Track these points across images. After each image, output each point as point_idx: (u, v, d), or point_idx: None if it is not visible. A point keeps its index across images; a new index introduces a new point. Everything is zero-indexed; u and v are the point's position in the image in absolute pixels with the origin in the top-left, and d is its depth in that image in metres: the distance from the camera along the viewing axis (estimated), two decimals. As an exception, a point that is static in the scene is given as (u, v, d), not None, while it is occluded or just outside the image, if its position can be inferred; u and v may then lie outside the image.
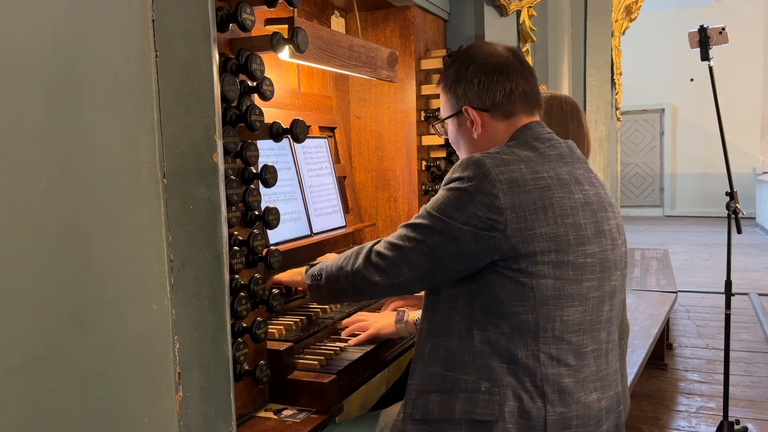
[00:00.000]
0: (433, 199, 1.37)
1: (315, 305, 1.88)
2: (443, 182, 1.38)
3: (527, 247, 1.27)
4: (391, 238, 1.41)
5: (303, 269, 1.67)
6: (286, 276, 1.74)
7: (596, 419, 1.36)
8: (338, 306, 1.91)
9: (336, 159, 2.38)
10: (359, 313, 1.86)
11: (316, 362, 1.58)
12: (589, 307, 1.35)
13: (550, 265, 1.29)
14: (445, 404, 1.33)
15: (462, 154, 1.54)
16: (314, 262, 1.67)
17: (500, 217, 1.27)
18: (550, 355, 1.31)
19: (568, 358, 1.32)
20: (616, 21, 5.29)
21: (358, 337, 1.74)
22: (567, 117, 1.93)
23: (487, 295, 1.32)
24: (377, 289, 1.44)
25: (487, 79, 1.43)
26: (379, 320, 1.77)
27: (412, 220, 1.38)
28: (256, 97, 1.38)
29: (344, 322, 1.82)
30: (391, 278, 1.40)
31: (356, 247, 1.51)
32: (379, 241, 1.45)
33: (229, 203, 1.28)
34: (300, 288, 1.75)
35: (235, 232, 1.36)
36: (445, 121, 1.54)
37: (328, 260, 1.58)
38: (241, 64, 1.33)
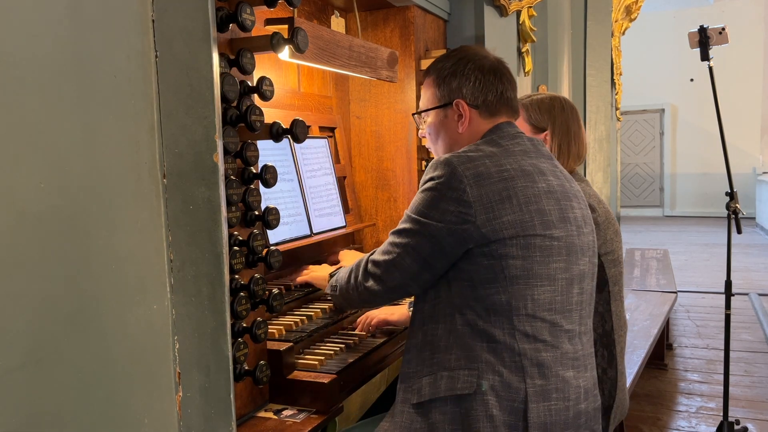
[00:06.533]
0: (411, 202, 1.46)
1: (315, 305, 1.89)
2: (420, 184, 1.45)
3: (496, 234, 1.36)
4: (383, 246, 1.51)
5: (328, 275, 1.76)
6: (315, 280, 1.91)
7: (576, 395, 1.42)
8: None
9: (336, 159, 2.38)
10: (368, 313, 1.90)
11: (316, 362, 1.58)
12: (558, 288, 1.42)
13: (518, 247, 1.37)
14: (432, 385, 1.40)
15: (439, 146, 1.61)
16: (337, 268, 1.79)
17: (470, 210, 1.36)
18: (525, 332, 1.38)
19: (543, 334, 1.39)
20: (616, 21, 5.29)
21: (371, 323, 1.84)
22: (569, 117, 2.00)
23: (463, 281, 1.40)
24: (378, 296, 1.53)
25: (483, 78, 1.53)
26: (390, 308, 1.87)
27: (398, 226, 1.47)
28: (256, 97, 1.38)
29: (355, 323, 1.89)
30: (386, 283, 1.49)
31: (359, 259, 1.59)
32: (374, 252, 1.54)
33: (229, 203, 1.28)
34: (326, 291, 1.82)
35: (235, 232, 1.36)
36: (429, 112, 1.60)
37: (344, 269, 1.66)
38: (232, 59, 1.33)
